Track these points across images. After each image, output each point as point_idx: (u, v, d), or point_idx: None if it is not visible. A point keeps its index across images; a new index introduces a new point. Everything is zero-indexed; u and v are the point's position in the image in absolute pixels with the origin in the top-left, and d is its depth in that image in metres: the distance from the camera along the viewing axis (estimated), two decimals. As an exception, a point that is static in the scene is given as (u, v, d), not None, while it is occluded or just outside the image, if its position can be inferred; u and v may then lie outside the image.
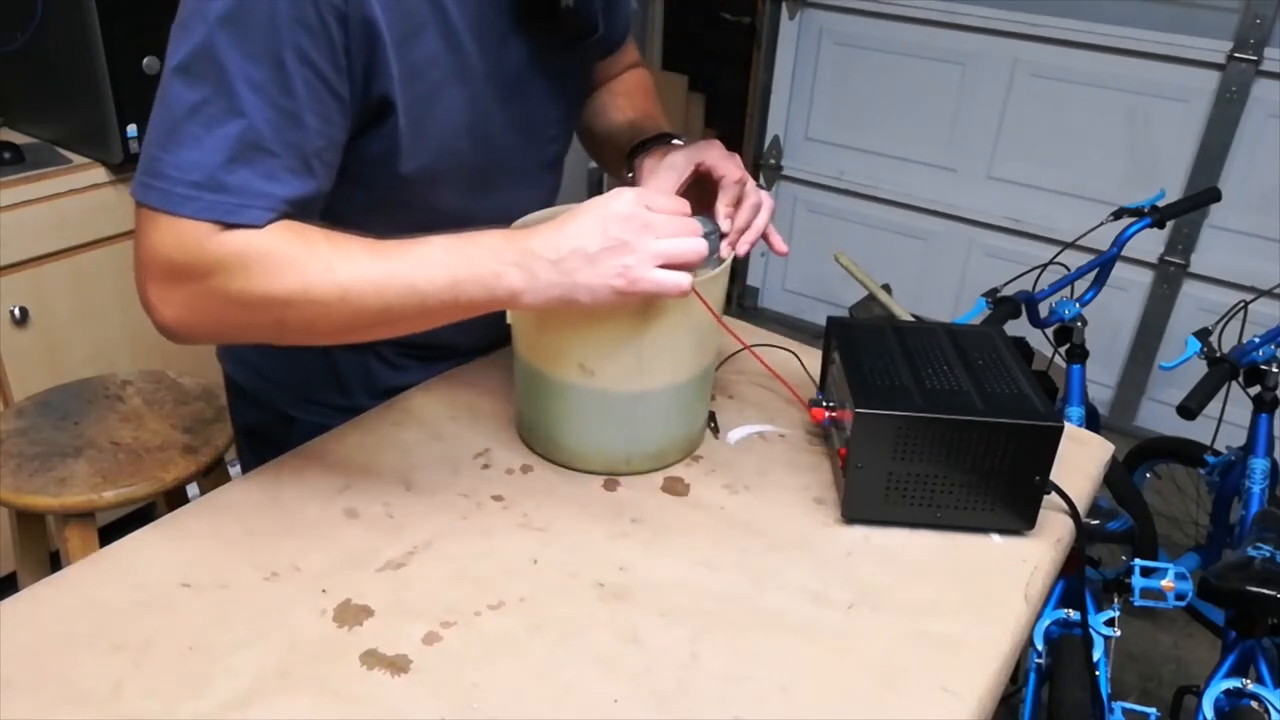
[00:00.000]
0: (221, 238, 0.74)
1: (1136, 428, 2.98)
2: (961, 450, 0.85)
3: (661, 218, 0.80)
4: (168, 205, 0.73)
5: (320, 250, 0.76)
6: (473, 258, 0.77)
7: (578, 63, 1.02)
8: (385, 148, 0.84)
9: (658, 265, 0.78)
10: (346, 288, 0.76)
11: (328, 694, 0.69)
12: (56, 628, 0.73)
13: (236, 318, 0.78)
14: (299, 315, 0.77)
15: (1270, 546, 1.48)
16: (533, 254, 0.77)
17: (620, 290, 0.78)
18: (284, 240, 0.76)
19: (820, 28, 3.16)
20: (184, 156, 0.73)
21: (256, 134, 0.73)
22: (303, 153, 0.76)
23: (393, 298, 0.77)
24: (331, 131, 0.78)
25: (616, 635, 0.75)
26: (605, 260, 0.77)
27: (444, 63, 0.84)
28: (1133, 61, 2.70)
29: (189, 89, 0.72)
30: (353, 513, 0.86)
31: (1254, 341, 1.78)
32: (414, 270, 0.77)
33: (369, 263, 0.76)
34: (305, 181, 0.77)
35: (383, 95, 0.80)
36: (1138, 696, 2.04)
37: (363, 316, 0.77)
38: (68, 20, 1.77)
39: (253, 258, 0.75)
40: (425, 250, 0.77)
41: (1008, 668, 0.77)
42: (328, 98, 0.76)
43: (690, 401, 0.94)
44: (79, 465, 1.32)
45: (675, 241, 0.79)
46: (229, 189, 0.73)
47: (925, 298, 3.18)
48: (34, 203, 1.81)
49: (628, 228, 0.78)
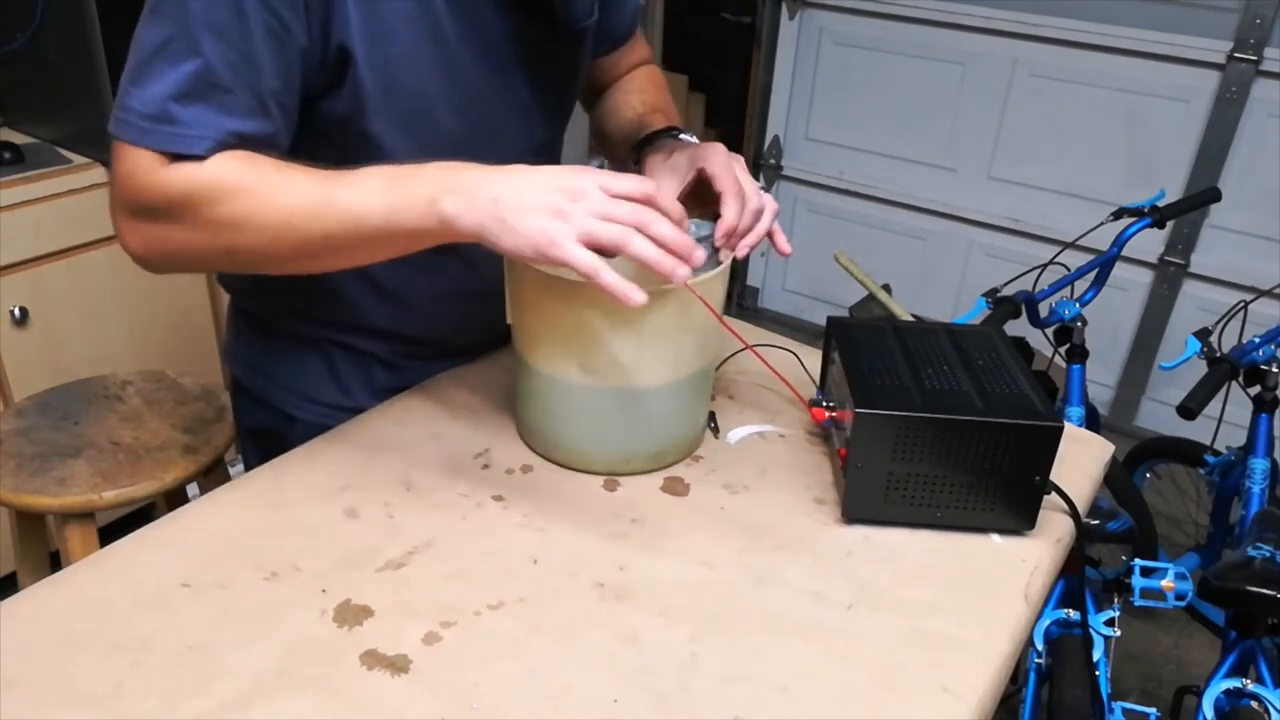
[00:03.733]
0: (172, 167, 0.78)
1: (1136, 428, 2.98)
2: (961, 450, 0.85)
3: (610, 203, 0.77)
4: (124, 135, 0.78)
5: (267, 176, 0.79)
6: (410, 184, 0.78)
7: (572, 49, 1.01)
8: (349, 106, 0.86)
9: (583, 243, 0.75)
10: (290, 213, 0.78)
11: (328, 694, 0.69)
12: (56, 628, 0.73)
13: (192, 243, 0.81)
14: (246, 241, 0.80)
15: (1270, 546, 1.48)
16: (474, 186, 0.77)
17: (539, 249, 0.75)
18: (231, 168, 0.79)
19: (820, 28, 3.16)
20: (146, 90, 0.77)
21: (212, 73, 0.77)
22: (258, 93, 0.79)
23: (332, 222, 0.78)
24: (289, 75, 0.81)
25: (616, 635, 0.75)
26: (534, 216, 0.75)
27: (417, 24, 0.85)
28: (1133, 61, 2.70)
29: (156, 28, 0.77)
30: (353, 513, 0.86)
31: (1254, 341, 1.78)
32: (352, 195, 0.78)
33: (310, 188, 0.79)
34: (260, 121, 0.81)
35: (341, 45, 0.82)
36: (1138, 696, 2.04)
37: (307, 244, 0.79)
38: (68, 20, 1.77)
39: (200, 185, 0.78)
40: (365, 176, 0.79)
41: (1008, 668, 0.77)
42: (287, 40, 0.79)
43: (690, 401, 0.94)
44: (79, 465, 1.32)
45: (605, 226, 0.76)
46: (179, 121, 0.77)
47: (925, 298, 3.18)
48: (34, 203, 1.81)
49: (569, 199, 0.76)
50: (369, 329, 1.02)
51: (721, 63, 3.45)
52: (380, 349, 1.04)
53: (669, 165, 0.97)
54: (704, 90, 3.53)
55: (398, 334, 1.03)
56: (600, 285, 0.76)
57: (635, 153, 1.03)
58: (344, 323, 1.02)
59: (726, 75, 3.44)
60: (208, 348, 2.18)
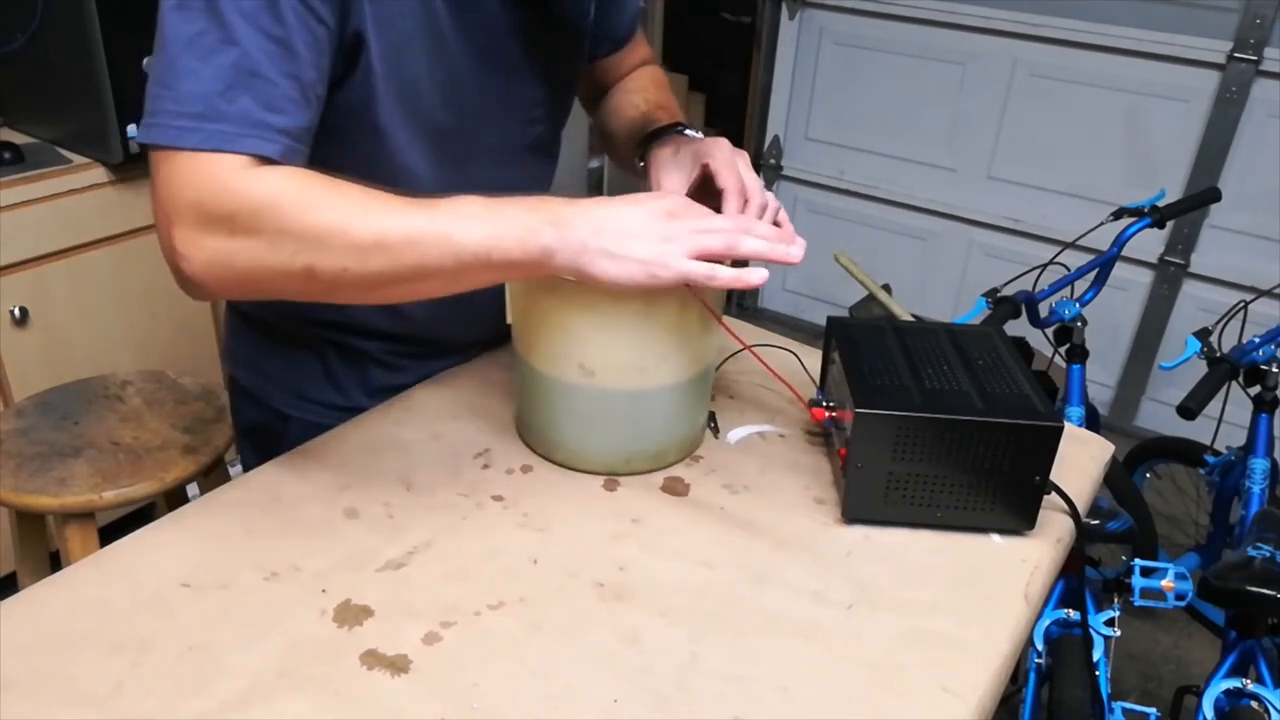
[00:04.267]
0: (249, 175, 0.74)
1: (1136, 428, 2.98)
2: (961, 450, 0.85)
3: (703, 219, 0.81)
4: (170, 140, 0.73)
5: (354, 195, 0.75)
6: (509, 213, 0.77)
7: (569, 48, 1.02)
8: (360, 95, 0.85)
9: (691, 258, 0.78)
10: (383, 232, 0.74)
11: (328, 694, 0.69)
12: (56, 628, 0.73)
13: (267, 262, 0.74)
14: (332, 261, 0.74)
15: (1270, 546, 1.48)
16: (572, 218, 0.77)
17: (651, 273, 0.77)
18: (316, 182, 0.75)
19: (820, 28, 3.16)
20: (182, 89, 0.72)
21: (252, 61, 0.73)
22: (299, 82, 0.76)
23: (429, 246, 0.75)
24: (321, 61, 0.79)
25: (616, 635, 0.75)
26: (642, 243, 0.77)
27: (414, 14, 0.85)
28: (1133, 61, 2.70)
29: (184, 22, 0.73)
30: (353, 513, 0.86)
31: (1254, 341, 1.78)
32: (451, 220, 0.75)
33: (406, 209, 0.75)
34: (301, 111, 0.77)
35: (357, 32, 0.81)
36: (1138, 696, 2.04)
37: (397, 266, 0.75)
38: (68, 20, 1.77)
39: (284, 195, 0.73)
40: (462, 204, 0.77)
41: (1008, 668, 0.77)
42: (316, 25, 0.77)
43: (690, 401, 0.94)
44: (79, 465, 1.32)
45: (709, 236, 0.79)
46: (229, 118, 0.73)
47: (925, 298, 3.18)
48: (34, 203, 1.81)
49: (670, 222, 0.79)
50: (365, 329, 1.02)
51: (721, 63, 3.45)
52: (376, 349, 1.04)
53: (675, 161, 0.97)
54: (704, 90, 3.53)
55: (394, 334, 1.03)
56: (722, 283, 0.80)
57: (640, 149, 1.03)
58: (340, 322, 1.01)
59: (726, 75, 3.44)
60: (208, 348, 2.18)
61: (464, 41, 0.89)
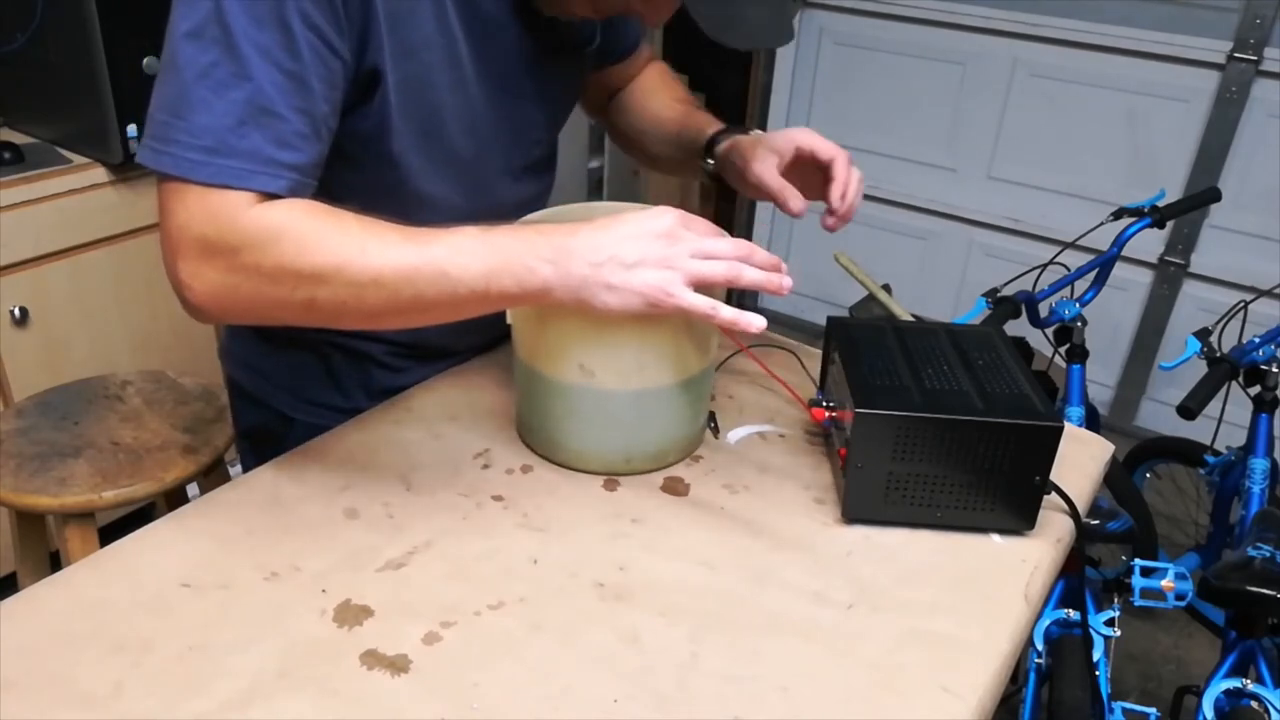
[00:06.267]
0: (255, 211, 0.74)
1: (1136, 428, 2.98)
2: (961, 450, 0.85)
3: (706, 241, 0.80)
4: (181, 171, 0.73)
5: (353, 230, 0.76)
6: (506, 248, 0.77)
7: (570, 69, 1.03)
8: (375, 124, 0.85)
9: (691, 286, 0.78)
10: (380, 269, 0.75)
11: (327, 694, 0.69)
12: (56, 628, 0.73)
13: (269, 294, 0.76)
14: (331, 295, 0.75)
15: (1270, 546, 1.48)
16: (569, 251, 0.77)
17: (654, 302, 0.77)
18: (317, 218, 0.75)
19: (820, 28, 3.16)
20: (195, 121, 0.73)
21: (265, 97, 0.73)
22: (311, 116, 0.76)
23: (425, 283, 0.75)
24: (334, 95, 0.79)
25: (616, 635, 0.75)
26: (642, 272, 0.77)
27: (436, 45, 0.85)
28: (1133, 61, 2.70)
29: (199, 53, 0.72)
30: (353, 513, 0.86)
31: (1254, 341, 1.78)
32: (448, 256, 0.76)
33: (402, 246, 0.76)
34: (312, 146, 0.77)
35: (373, 68, 0.81)
36: (1138, 696, 2.04)
37: (395, 301, 0.76)
38: (68, 20, 1.77)
39: (287, 232, 0.74)
40: (459, 238, 0.77)
41: (1008, 668, 0.77)
42: (332, 60, 0.77)
43: (690, 401, 0.94)
44: (79, 465, 1.32)
45: (711, 264, 0.79)
46: (239, 154, 0.73)
47: (925, 298, 3.18)
48: (34, 203, 1.81)
49: (670, 245, 0.78)
50: (366, 331, 1.02)
51: (721, 63, 3.45)
52: (378, 350, 1.04)
53: (768, 146, 1.01)
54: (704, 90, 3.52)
55: (395, 336, 1.03)
56: (722, 321, 0.79)
57: (707, 150, 1.07)
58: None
59: (726, 75, 3.43)
60: (208, 348, 2.18)
61: (481, 69, 0.90)
